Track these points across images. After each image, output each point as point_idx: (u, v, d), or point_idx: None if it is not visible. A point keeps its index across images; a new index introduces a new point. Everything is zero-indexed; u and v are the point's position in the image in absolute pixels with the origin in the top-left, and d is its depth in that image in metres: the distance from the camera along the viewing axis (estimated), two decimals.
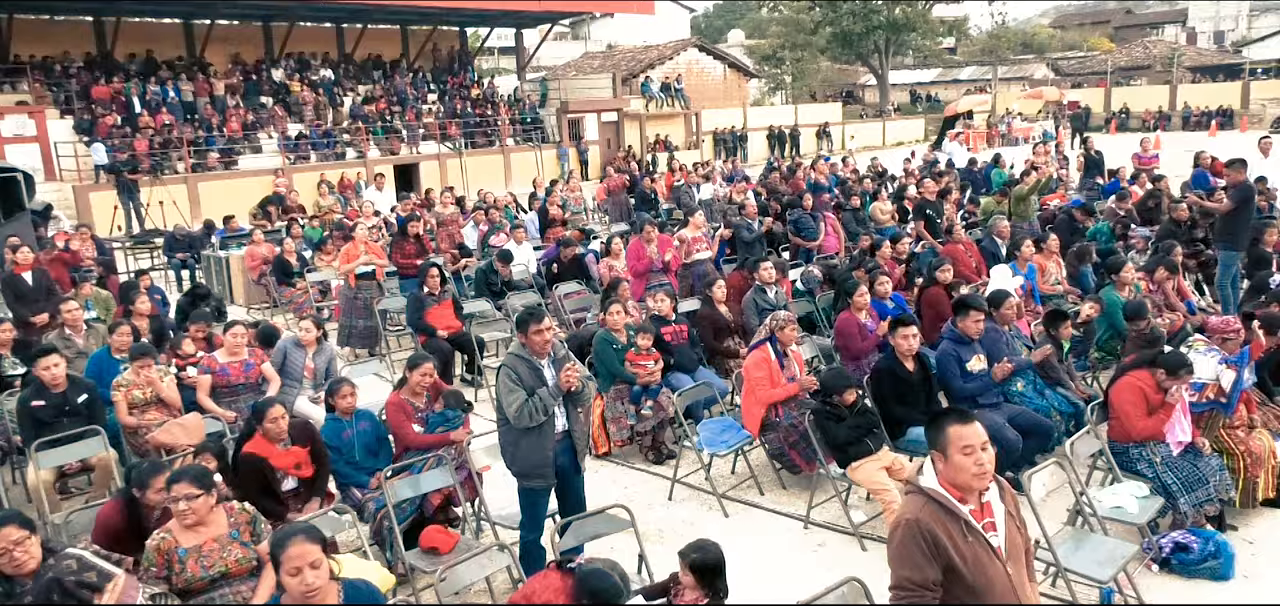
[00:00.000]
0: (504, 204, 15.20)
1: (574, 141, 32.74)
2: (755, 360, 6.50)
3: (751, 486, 6.66)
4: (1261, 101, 44.75)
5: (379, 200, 15.76)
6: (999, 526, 3.21)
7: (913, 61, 63.72)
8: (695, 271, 9.75)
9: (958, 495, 3.14)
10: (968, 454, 3.09)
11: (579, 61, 44.24)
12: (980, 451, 3.10)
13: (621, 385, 7.18)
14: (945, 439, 3.14)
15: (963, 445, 3.10)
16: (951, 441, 3.12)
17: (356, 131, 27.45)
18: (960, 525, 3.12)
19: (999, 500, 3.25)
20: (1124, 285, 7.84)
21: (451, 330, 9.21)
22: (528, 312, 5.02)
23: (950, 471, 3.13)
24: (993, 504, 3.22)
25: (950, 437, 3.13)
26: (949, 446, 3.13)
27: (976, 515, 3.15)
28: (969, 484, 3.12)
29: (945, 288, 8.30)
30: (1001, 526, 3.21)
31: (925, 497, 3.17)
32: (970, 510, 3.15)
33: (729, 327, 8.10)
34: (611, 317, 7.29)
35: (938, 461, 3.18)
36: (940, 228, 11.72)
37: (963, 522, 3.12)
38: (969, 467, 3.09)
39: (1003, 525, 3.22)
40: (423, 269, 9.36)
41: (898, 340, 6.16)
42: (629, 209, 18.23)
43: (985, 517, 3.19)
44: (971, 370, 6.35)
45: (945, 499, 3.13)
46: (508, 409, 4.90)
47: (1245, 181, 9.39)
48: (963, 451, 3.10)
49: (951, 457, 3.12)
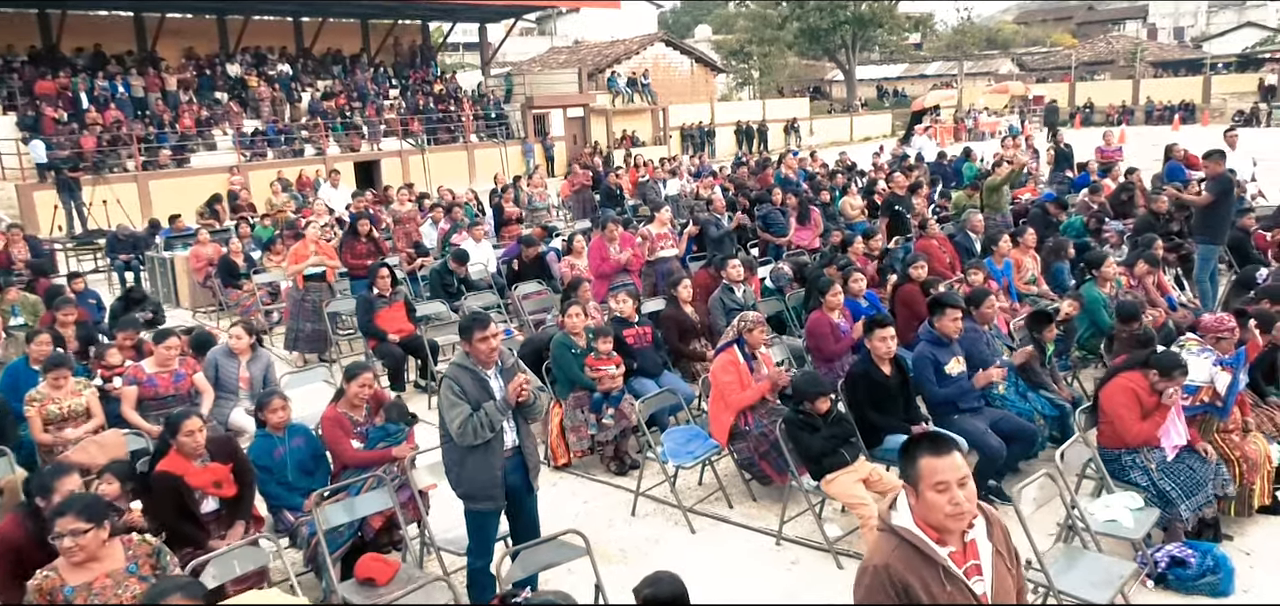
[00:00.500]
0: (464, 201, 14.69)
1: (539, 138, 32.22)
2: (722, 364, 6.10)
3: (720, 499, 6.26)
4: (1222, 96, 45.23)
5: (334, 198, 15.19)
6: (985, 570, 2.74)
7: (879, 57, 63.88)
8: (660, 269, 9.32)
9: (935, 536, 2.68)
10: (941, 491, 2.64)
11: (544, 57, 43.69)
12: (956, 488, 2.63)
13: (581, 392, 6.74)
14: (916, 472, 2.68)
15: (935, 481, 2.64)
16: (923, 476, 2.66)
17: (315, 128, 26.74)
18: (938, 571, 2.66)
19: (985, 538, 2.77)
20: (1105, 281, 7.53)
21: (403, 333, 8.73)
22: (472, 318, 4.57)
23: (922, 509, 2.69)
24: (978, 543, 2.75)
25: (922, 471, 2.67)
26: (920, 481, 2.67)
27: (958, 558, 2.69)
28: (943, 525, 2.67)
29: (920, 284, 7.94)
30: (988, 570, 2.75)
31: (897, 539, 2.71)
32: (950, 552, 2.68)
33: (695, 329, 7.69)
34: (570, 320, 6.85)
35: (910, 496, 2.73)
36: (909, 223, 11.39)
37: (940, 568, 2.66)
38: (942, 507, 2.64)
39: (990, 568, 2.75)
40: (372, 270, 8.86)
41: (874, 343, 5.78)
42: (593, 206, 17.79)
43: (968, 559, 2.72)
44: (950, 373, 5.98)
45: (920, 541, 2.67)
46: (450, 425, 4.45)
47: (1224, 174, 9.14)
48: (935, 488, 2.64)
49: (923, 494, 2.67)
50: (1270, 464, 5.42)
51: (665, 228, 9.37)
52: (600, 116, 35.03)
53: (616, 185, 17.65)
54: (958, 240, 10.26)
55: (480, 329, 4.49)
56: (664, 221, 9.34)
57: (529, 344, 7.47)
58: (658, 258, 9.29)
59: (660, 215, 9.30)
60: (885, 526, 2.78)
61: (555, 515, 6.18)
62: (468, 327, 4.54)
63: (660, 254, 9.30)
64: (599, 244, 9.04)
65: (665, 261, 9.32)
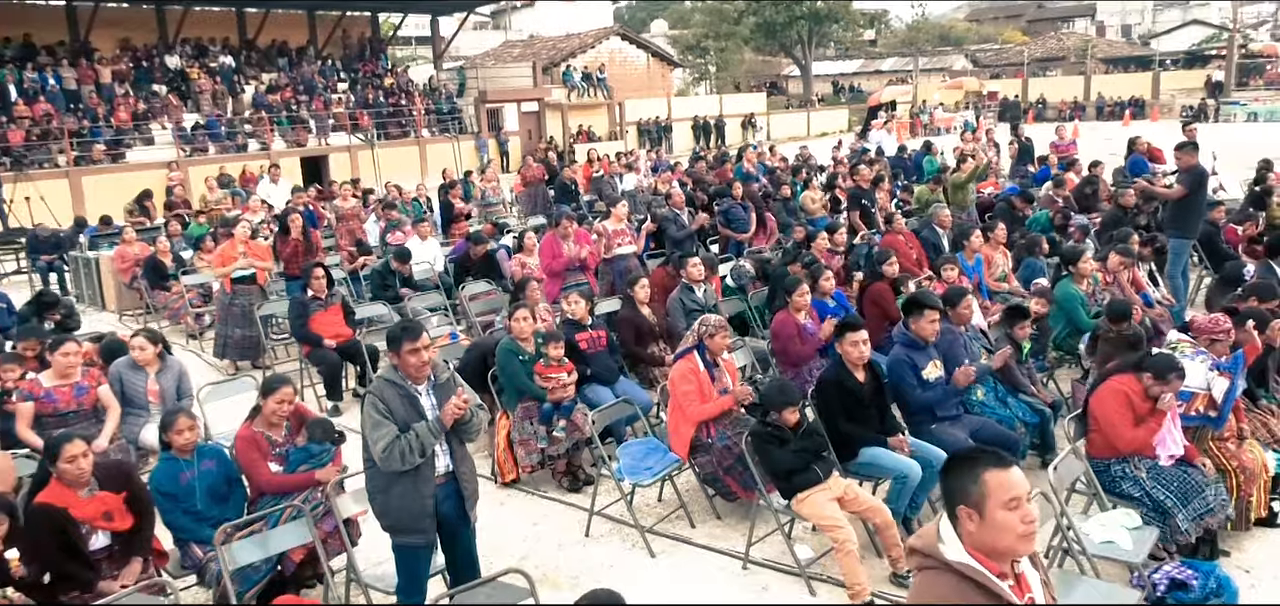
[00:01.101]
0: (410, 197, 14.04)
1: (493, 132, 31.54)
2: (682, 372, 5.61)
3: (681, 517, 5.77)
4: (1171, 92, 45.84)
5: (274, 194, 14.46)
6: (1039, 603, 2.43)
7: (834, 53, 64.07)
8: (616, 267, 8.80)
9: (995, 568, 2.32)
10: (1013, 508, 2.30)
11: (498, 50, 42.93)
12: (1027, 504, 2.32)
13: (530, 402, 6.21)
14: (981, 490, 2.31)
15: (1008, 498, 2.29)
16: (991, 493, 2.30)
17: (260, 122, 25.82)
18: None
19: (1031, 567, 2.47)
20: (1081, 278, 7.17)
21: (340, 338, 8.13)
22: (401, 328, 4.03)
23: (987, 534, 2.31)
24: (1027, 575, 2.43)
25: (989, 489, 2.31)
26: (987, 500, 2.30)
27: (1016, 592, 2.36)
28: (1011, 549, 2.32)
29: (891, 282, 7.54)
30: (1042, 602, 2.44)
31: (954, 576, 2.31)
32: (1009, 586, 2.34)
33: (653, 331, 7.20)
34: (517, 324, 6.31)
35: (967, 521, 2.34)
36: (875, 218, 11.02)
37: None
38: (1014, 528, 2.29)
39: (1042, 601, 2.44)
40: (306, 270, 8.24)
41: (846, 348, 5.32)
42: (547, 201, 17.22)
43: (1025, 594, 2.39)
44: (927, 377, 5.56)
45: (985, 577, 2.30)
46: (374, 448, 3.91)
47: (1198, 166, 8.86)
48: (1007, 505, 2.29)
49: (991, 515, 2.30)
50: (1267, 473, 5.07)
51: (622, 224, 8.85)
52: (556, 111, 34.43)
53: (571, 180, 17.08)
54: (924, 236, 9.88)
55: (410, 339, 3.95)
56: (620, 217, 8.82)
57: (474, 349, 6.91)
58: (615, 255, 8.77)
59: (617, 210, 8.78)
60: (938, 564, 2.35)
61: (502, 537, 5.67)
62: (396, 338, 4.00)
63: (617, 251, 8.78)
64: (551, 240, 8.51)
65: (622, 259, 8.81)
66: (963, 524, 2.34)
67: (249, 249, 9.14)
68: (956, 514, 2.36)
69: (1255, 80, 45.73)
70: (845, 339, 5.29)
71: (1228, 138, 18.39)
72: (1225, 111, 38.75)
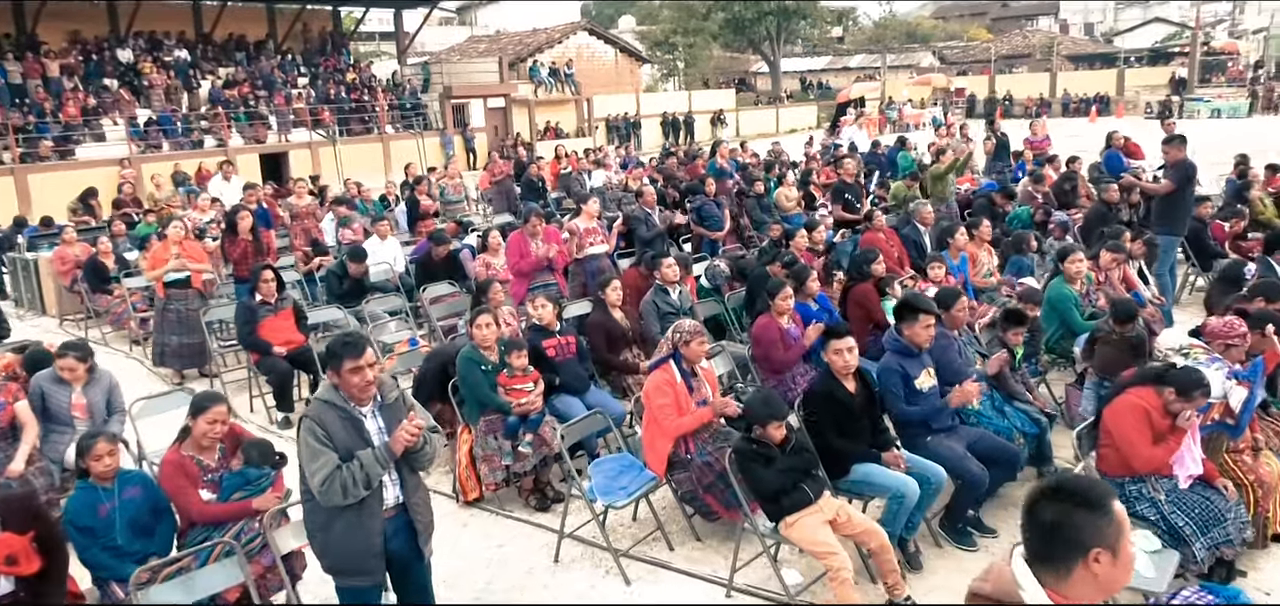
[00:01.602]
0: (370, 194, 13.48)
1: (459, 128, 30.93)
2: (657, 384, 5.18)
3: (658, 539, 5.34)
4: (1136, 88, 46.17)
5: (226, 192, 13.82)
6: None
7: (802, 50, 64.02)
8: (587, 268, 8.34)
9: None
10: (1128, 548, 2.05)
11: (464, 45, 42.25)
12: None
13: (493, 415, 5.76)
14: (1117, 526, 2.02)
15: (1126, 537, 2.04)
16: (1123, 528, 2.03)
17: (216, 117, 25.03)
18: None
19: None
20: (1074, 278, 6.84)
21: (292, 345, 7.61)
22: (341, 343, 3.55)
23: (1117, 573, 2.02)
24: None
25: (1121, 523, 2.03)
26: (1121, 536, 2.02)
27: None
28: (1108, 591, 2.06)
29: (875, 283, 7.16)
30: None
31: None
32: None
33: (625, 336, 6.76)
34: (479, 331, 5.84)
35: (1095, 564, 2.00)
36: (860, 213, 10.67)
37: None
38: (1126, 570, 2.04)
39: None
40: (254, 273, 7.71)
41: (832, 356, 4.92)
42: (515, 198, 16.73)
43: None
44: (920, 388, 5.18)
45: None
46: (312, 480, 3.44)
47: (1186, 160, 8.59)
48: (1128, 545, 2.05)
49: (1124, 552, 2.02)
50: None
51: (593, 222, 8.40)
52: (522, 107, 33.87)
53: (538, 176, 16.59)
54: (905, 233, 9.55)
55: (351, 356, 3.47)
56: (592, 215, 8.36)
57: (434, 358, 6.43)
58: (586, 255, 8.31)
59: (587, 208, 8.32)
60: None
61: (464, 563, 5.22)
62: (335, 353, 3.52)
63: (588, 251, 8.32)
64: (518, 239, 8.04)
65: (593, 259, 8.35)
66: (1090, 569, 1.99)
67: (184, 250, 8.54)
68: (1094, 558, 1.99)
69: (1217, 77, 46.19)
70: (832, 347, 4.89)
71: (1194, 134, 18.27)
72: (1189, 108, 39.01)
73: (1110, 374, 6.00)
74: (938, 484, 4.78)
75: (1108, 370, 5.99)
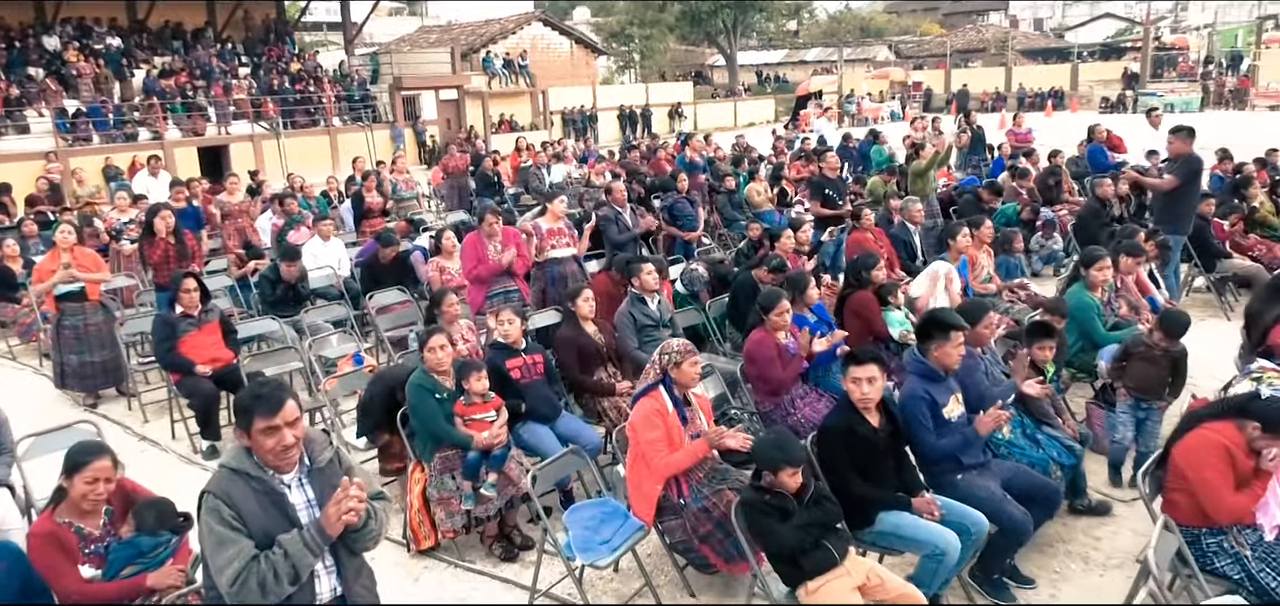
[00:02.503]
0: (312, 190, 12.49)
1: (410, 121, 29.83)
2: (645, 415, 4.41)
3: (645, 595, 4.57)
4: (1089, 83, 46.41)
5: (153, 188, 12.73)
6: None
7: (758, 43, 63.66)
8: (551, 273, 7.51)
9: None
10: None
11: (414, 36, 41.00)
12: None
13: (450, 451, 4.94)
14: None
15: None
16: None
17: (150, 108, 23.67)
18: None
19: None
20: (1098, 285, 6.18)
21: (218, 363, 6.69)
22: (252, 396, 2.72)
23: None
24: None
25: None
26: None
27: None
28: None
29: (876, 290, 6.46)
30: None
31: None
32: None
33: (599, 353, 5.96)
34: (431, 354, 5.01)
35: None
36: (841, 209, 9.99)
37: None
38: None
39: None
40: (174, 280, 6.77)
41: (852, 386, 4.17)
42: (468, 194, 15.84)
43: None
44: (948, 417, 4.47)
45: None
46: (219, 577, 2.61)
47: (1193, 155, 8.03)
48: None
49: None
50: None
51: (559, 222, 7.57)
52: (476, 99, 32.83)
53: (494, 171, 15.70)
54: (894, 233, 8.89)
55: (264, 414, 2.65)
56: (557, 214, 7.53)
57: (380, 381, 5.57)
58: (549, 258, 7.47)
59: (553, 206, 7.48)
60: None
61: None
62: (244, 410, 2.69)
63: (552, 254, 7.49)
64: (475, 242, 7.19)
65: (558, 263, 7.52)
66: None
67: (75, 258, 7.51)
68: None
69: (1169, 71, 46.61)
70: (850, 375, 4.14)
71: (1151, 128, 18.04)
72: (1143, 103, 39.15)
73: (1148, 394, 5.38)
74: (977, 534, 4.06)
75: (1146, 389, 5.38)
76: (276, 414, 2.64)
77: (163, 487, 6.27)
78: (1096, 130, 12.77)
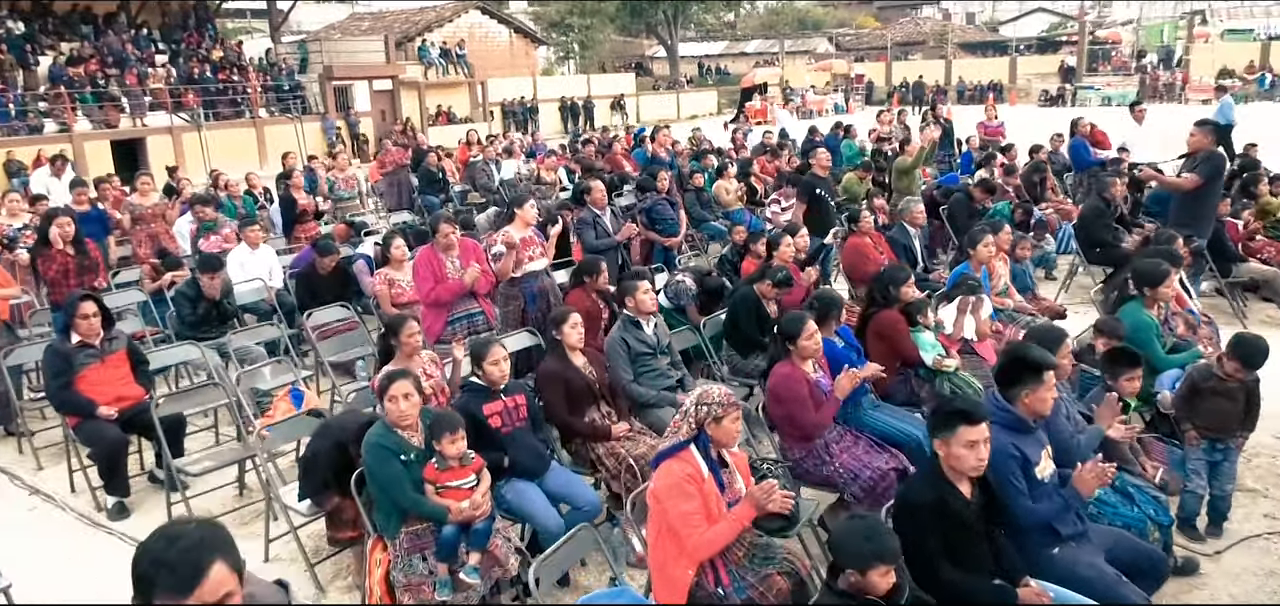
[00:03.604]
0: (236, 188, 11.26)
1: (342, 112, 28.37)
2: (675, 481, 3.50)
3: None
4: (1027, 76, 46.85)
5: (55, 189, 11.33)
6: None
7: (696, 34, 63.13)
8: (526, 290, 6.51)
9: None
10: None
11: (345, 23, 39.25)
12: None
13: (419, 526, 3.95)
14: None
15: None
16: None
17: (58, 98, 21.93)
18: None
19: None
20: (1157, 301, 5.45)
21: (125, 402, 5.59)
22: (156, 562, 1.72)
23: None
24: None
25: None
26: None
27: None
28: None
29: (902, 309, 5.63)
30: None
31: None
32: None
33: (590, 390, 5.00)
34: (393, 405, 4.00)
35: None
36: (834, 216, 9.19)
37: None
38: None
39: None
40: (69, 303, 5.62)
41: (960, 449, 3.29)
42: (410, 191, 14.66)
43: None
44: (1040, 477, 3.66)
45: None
46: None
47: (1217, 152, 7.41)
48: None
49: None
50: None
51: (530, 230, 6.55)
52: (412, 90, 31.46)
53: (438, 167, 14.56)
54: (892, 237, 8.11)
55: (173, 594, 1.64)
56: (528, 220, 6.51)
57: (326, 435, 4.51)
58: (525, 273, 6.46)
59: (523, 211, 6.46)
60: None
61: None
62: (145, 581, 1.70)
63: (530, 267, 6.47)
64: (429, 257, 6.14)
65: (533, 278, 6.51)
66: None
67: None
68: None
69: (1104, 65, 47.29)
70: (955, 436, 3.28)
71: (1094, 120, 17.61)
72: (1082, 96, 39.53)
73: (1223, 433, 4.65)
74: None
75: (1221, 428, 4.64)
76: (190, 592, 1.65)
77: (58, 558, 5.18)
78: (1079, 124, 12.20)
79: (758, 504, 3.53)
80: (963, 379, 5.42)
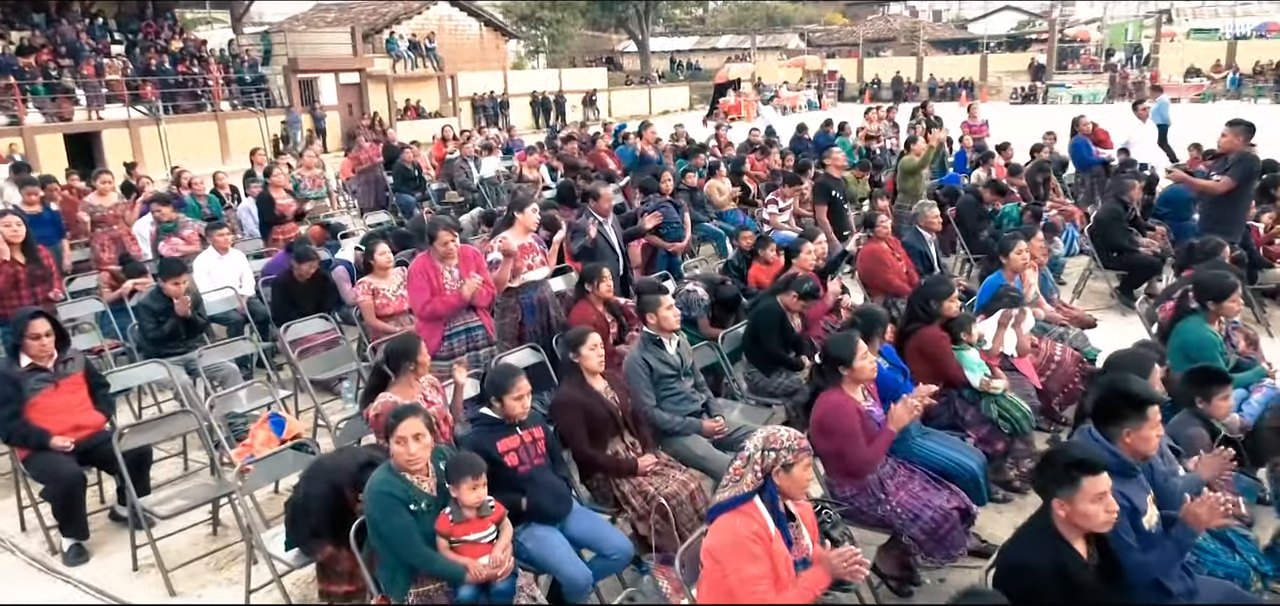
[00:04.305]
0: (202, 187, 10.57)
1: (307, 106, 27.52)
2: (737, 541, 3.01)
3: None
4: (998, 74, 46.96)
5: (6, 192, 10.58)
6: None
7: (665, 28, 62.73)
8: (527, 301, 5.97)
9: None
10: None
11: (309, 14, 38.26)
12: None
13: (432, 585, 3.42)
14: None
15: None
16: None
17: (7, 90, 20.92)
18: None
19: None
20: (1222, 315, 5.04)
21: (83, 433, 4.97)
22: None
23: None
24: None
25: None
26: None
27: None
28: None
29: (944, 323, 5.18)
30: None
31: None
32: None
33: (613, 419, 4.48)
34: (402, 447, 3.46)
35: None
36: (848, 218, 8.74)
37: None
38: None
39: None
40: (18, 320, 5.00)
41: (1088, 506, 2.81)
42: (384, 189, 14.04)
43: None
44: (1147, 525, 3.22)
45: None
46: None
47: (1249, 153, 7.06)
48: None
49: None
50: None
51: (530, 236, 6.00)
52: (379, 84, 30.64)
53: (413, 163, 13.95)
54: (908, 242, 7.68)
55: None
56: (528, 225, 5.95)
57: (318, 476, 3.94)
58: (525, 282, 5.92)
59: (523, 216, 5.90)
60: None
61: None
62: None
63: (529, 276, 5.93)
64: (425, 266, 5.58)
65: (533, 289, 5.97)
66: None
67: None
68: None
69: (1073, 63, 47.53)
70: (1082, 492, 2.80)
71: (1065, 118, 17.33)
72: (1053, 94, 39.67)
73: None
74: None
75: None
76: None
77: None
78: (1081, 123, 11.88)
79: (834, 571, 3.06)
80: (1010, 401, 5.00)
